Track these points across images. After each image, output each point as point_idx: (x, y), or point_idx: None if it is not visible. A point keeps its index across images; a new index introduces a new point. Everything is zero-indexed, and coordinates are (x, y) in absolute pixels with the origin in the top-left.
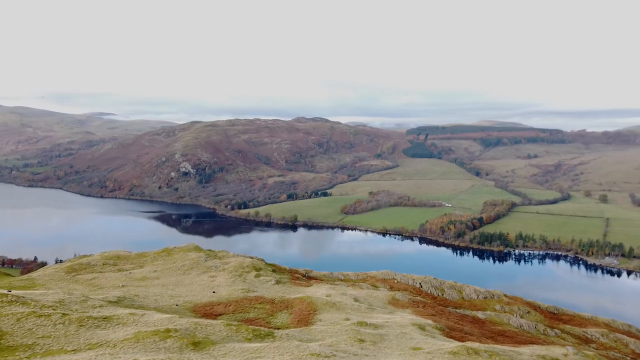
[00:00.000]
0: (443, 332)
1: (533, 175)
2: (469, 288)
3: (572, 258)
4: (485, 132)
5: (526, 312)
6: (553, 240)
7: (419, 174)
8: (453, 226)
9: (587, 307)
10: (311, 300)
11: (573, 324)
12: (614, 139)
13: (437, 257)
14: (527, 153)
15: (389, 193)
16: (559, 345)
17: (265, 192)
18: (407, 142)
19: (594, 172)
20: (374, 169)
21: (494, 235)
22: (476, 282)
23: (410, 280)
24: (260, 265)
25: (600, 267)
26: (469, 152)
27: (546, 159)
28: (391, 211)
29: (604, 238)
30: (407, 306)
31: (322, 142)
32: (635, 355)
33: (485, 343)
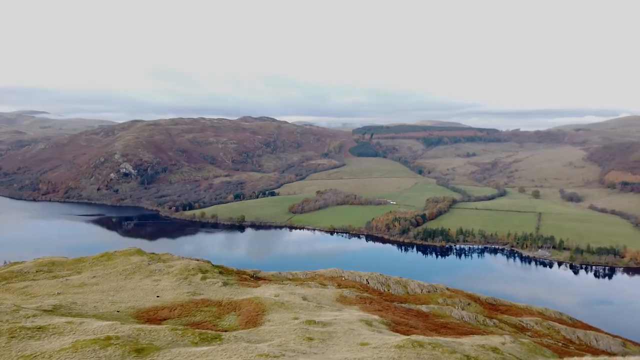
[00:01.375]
0: (389, 327)
1: (472, 172)
2: (414, 283)
3: (509, 251)
4: (427, 131)
5: (467, 304)
6: (491, 235)
7: (365, 173)
8: (398, 223)
9: (522, 297)
10: (259, 301)
11: (510, 314)
12: (544, 138)
13: (383, 253)
14: (467, 152)
15: (336, 192)
16: (497, 334)
17: (212, 192)
18: (353, 142)
19: (527, 170)
20: (321, 168)
21: (436, 231)
22: (420, 276)
23: (357, 277)
24: (206, 268)
25: (534, 259)
26: (412, 151)
27: (484, 157)
28: (338, 210)
29: (537, 231)
30: (355, 303)
31: (269, 141)
32: (566, 341)
33: (429, 335)
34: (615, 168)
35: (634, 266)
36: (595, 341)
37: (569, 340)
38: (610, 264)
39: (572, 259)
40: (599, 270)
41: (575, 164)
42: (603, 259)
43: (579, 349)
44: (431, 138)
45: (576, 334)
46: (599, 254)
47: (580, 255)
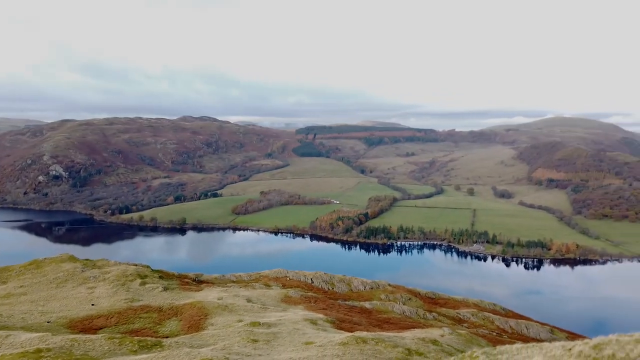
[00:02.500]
0: (334, 325)
1: (411, 171)
2: (357, 280)
3: (446, 246)
4: (368, 131)
5: (408, 299)
6: (429, 231)
7: (308, 173)
8: (341, 222)
9: (459, 290)
10: (202, 305)
11: (448, 307)
12: (478, 138)
13: (327, 252)
14: (406, 151)
15: (280, 192)
16: (437, 327)
17: (150, 194)
18: (296, 142)
19: (462, 168)
20: (265, 168)
21: (378, 228)
22: (364, 274)
23: (302, 277)
24: (145, 273)
25: (469, 253)
26: (355, 151)
27: (422, 157)
28: (283, 210)
29: (472, 227)
30: (300, 302)
31: (211, 141)
32: (499, 330)
33: (373, 331)
34: (541, 166)
35: (559, 257)
36: (526, 329)
37: (503, 329)
38: (538, 256)
39: (504, 252)
40: (529, 262)
41: (506, 163)
42: (532, 251)
43: (512, 338)
44: (372, 138)
45: (509, 323)
46: (528, 247)
47: (511, 249)
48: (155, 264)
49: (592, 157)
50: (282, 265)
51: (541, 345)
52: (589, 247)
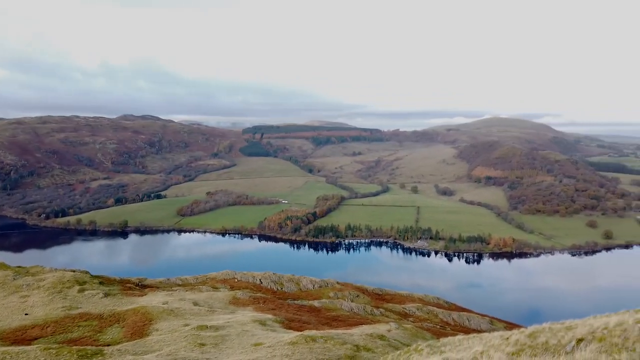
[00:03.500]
0: (283, 325)
1: (358, 170)
2: (306, 279)
3: (392, 243)
4: (316, 131)
5: (356, 296)
6: (376, 229)
7: (256, 173)
8: (290, 221)
9: (405, 285)
10: (146, 310)
11: (395, 302)
12: (421, 137)
13: (276, 252)
14: (353, 151)
15: (227, 192)
16: (384, 322)
17: (89, 197)
18: (243, 141)
19: (406, 167)
20: (211, 168)
21: (326, 227)
22: (312, 273)
23: (250, 278)
24: (84, 279)
25: (414, 249)
26: (302, 151)
27: (368, 156)
28: (230, 210)
29: (416, 224)
30: (248, 304)
31: (154, 141)
32: (443, 323)
33: (322, 329)
34: (480, 164)
35: (497, 251)
36: (468, 321)
37: (446, 322)
38: (478, 250)
39: (447, 247)
40: (469, 257)
41: (447, 161)
42: (472, 246)
43: (454, 330)
44: (320, 138)
45: (452, 316)
46: (469, 242)
47: (453, 244)
48: (95, 269)
49: (526, 156)
50: (230, 266)
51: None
52: (524, 241)
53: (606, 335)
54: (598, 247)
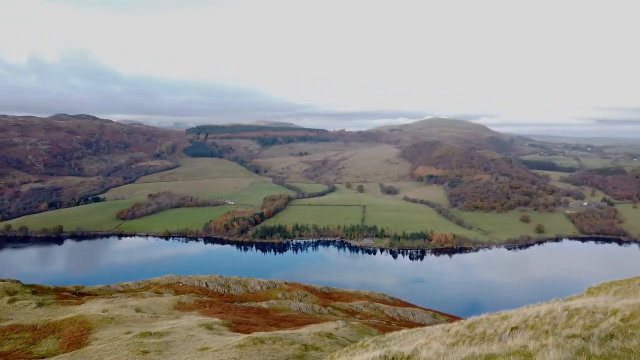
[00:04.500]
0: (230, 328)
1: (305, 170)
2: (254, 281)
3: (339, 242)
4: (262, 131)
5: (304, 296)
6: (323, 228)
7: (201, 174)
8: (237, 223)
9: (352, 283)
10: (84, 319)
11: (342, 300)
12: (366, 138)
13: (222, 254)
14: (299, 151)
15: (170, 194)
16: (332, 320)
17: (19, 201)
18: (187, 142)
19: (352, 166)
20: (153, 169)
21: (274, 228)
22: (261, 274)
23: (196, 282)
24: (15, 288)
25: (360, 247)
26: (249, 151)
27: (315, 156)
28: (174, 213)
29: (362, 222)
30: (194, 308)
31: (91, 142)
32: (389, 319)
33: (270, 330)
34: (422, 163)
35: (439, 247)
36: (412, 316)
37: (392, 317)
38: (421, 247)
39: (392, 245)
40: (413, 253)
41: (391, 161)
42: (416, 243)
43: (400, 324)
44: (266, 138)
45: (397, 311)
46: (412, 239)
47: (398, 241)
48: (27, 278)
49: (465, 155)
50: (174, 271)
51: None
52: (464, 237)
53: (537, 323)
54: (531, 240)
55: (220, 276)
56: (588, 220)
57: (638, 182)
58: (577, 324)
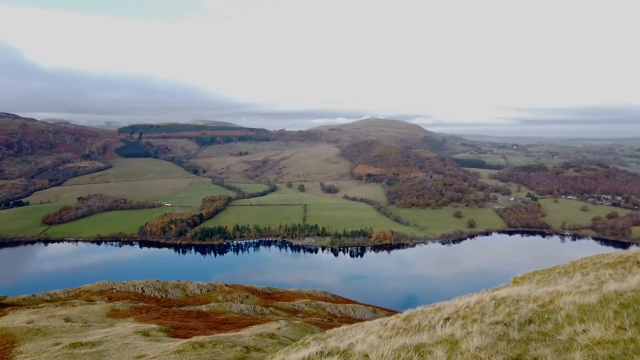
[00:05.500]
0: (168, 333)
1: (245, 170)
2: (193, 284)
3: (281, 242)
4: (200, 131)
5: (245, 297)
6: (265, 228)
7: (135, 175)
8: (174, 225)
9: (294, 282)
10: (7, 332)
11: (284, 300)
12: (306, 137)
13: (160, 258)
14: (239, 150)
15: (102, 197)
16: (274, 321)
17: None
18: (119, 142)
19: (293, 166)
20: (83, 171)
21: (214, 229)
22: (200, 277)
23: (131, 287)
24: None
25: (302, 246)
26: (186, 151)
27: (255, 156)
28: (106, 216)
29: (304, 222)
30: (129, 315)
31: (12, 142)
32: (330, 316)
33: (210, 334)
34: (361, 162)
35: (378, 244)
36: (353, 312)
37: (333, 315)
38: (361, 244)
39: (333, 243)
40: (353, 250)
41: (331, 160)
42: (356, 240)
43: (341, 321)
44: (204, 137)
45: (338, 308)
46: (352, 236)
47: (338, 239)
48: None
49: (401, 154)
50: (107, 277)
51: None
52: (402, 233)
53: (468, 312)
54: (463, 235)
55: (157, 280)
56: (514, 214)
57: (558, 178)
58: (502, 312)
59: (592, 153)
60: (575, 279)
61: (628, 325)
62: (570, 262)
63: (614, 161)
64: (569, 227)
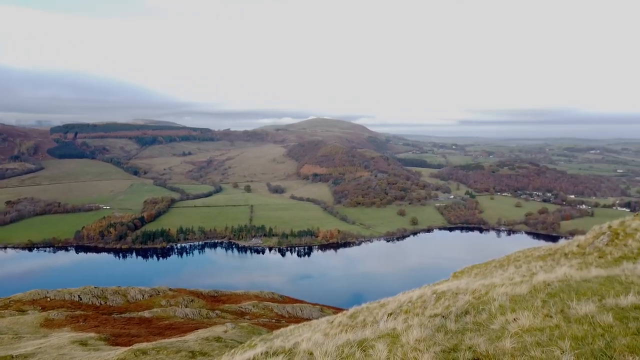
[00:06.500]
0: (108, 342)
1: (189, 171)
2: (134, 290)
3: (227, 243)
4: (141, 130)
5: (190, 301)
6: (210, 230)
7: (70, 177)
8: (114, 229)
9: (241, 284)
10: None
11: (231, 302)
12: (252, 137)
13: (98, 264)
14: (182, 151)
15: (33, 200)
16: (220, 324)
17: None
18: (52, 142)
19: (239, 166)
20: (11, 173)
21: (156, 232)
22: (143, 282)
23: (67, 295)
24: None
25: (249, 247)
26: (126, 151)
27: (199, 156)
28: (38, 221)
29: (251, 222)
30: (65, 324)
31: None
32: (278, 317)
33: (153, 340)
34: (307, 162)
35: (325, 243)
36: (301, 311)
37: (281, 315)
38: (308, 243)
39: (280, 243)
40: (301, 250)
41: (277, 160)
42: (303, 240)
43: (289, 321)
44: (145, 137)
45: (286, 308)
46: (300, 236)
47: (286, 240)
48: None
49: (347, 154)
50: (41, 285)
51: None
52: (348, 232)
53: (410, 307)
54: (407, 232)
55: (95, 287)
56: (454, 211)
57: (494, 177)
58: (442, 305)
59: (524, 152)
60: (509, 271)
61: (554, 313)
62: (505, 256)
63: (544, 160)
64: (504, 222)
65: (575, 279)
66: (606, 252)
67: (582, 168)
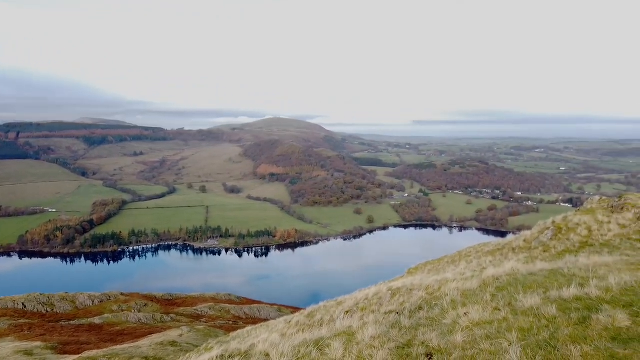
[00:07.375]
0: (56, 350)
1: (141, 172)
2: (83, 295)
3: (182, 245)
4: (89, 129)
5: (144, 306)
6: (164, 232)
7: (12, 179)
8: (60, 232)
9: (197, 287)
10: None
11: (186, 305)
12: (207, 137)
13: (44, 269)
14: (134, 150)
15: None
16: (175, 327)
17: None
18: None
19: (193, 166)
20: None
21: (106, 235)
22: (93, 287)
23: (9, 303)
24: None
25: (205, 249)
26: (73, 152)
27: (152, 156)
28: None
29: (206, 223)
30: (8, 333)
31: None
32: (235, 319)
33: (104, 347)
34: (264, 162)
35: (283, 243)
36: (259, 312)
37: (238, 317)
38: (266, 244)
39: (237, 244)
40: (258, 251)
41: (234, 160)
42: (260, 240)
43: (246, 322)
44: (94, 137)
45: (243, 310)
46: (257, 236)
47: (243, 240)
48: None
49: (304, 153)
50: None
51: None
52: (305, 231)
53: (367, 304)
54: (363, 230)
55: (41, 294)
56: (409, 209)
57: (446, 175)
58: (397, 301)
59: (474, 151)
60: (461, 266)
61: (502, 306)
62: (457, 252)
63: (492, 158)
64: (456, 219)
65: (522, 272)
66: (550, 246)
67: (527, 166)
